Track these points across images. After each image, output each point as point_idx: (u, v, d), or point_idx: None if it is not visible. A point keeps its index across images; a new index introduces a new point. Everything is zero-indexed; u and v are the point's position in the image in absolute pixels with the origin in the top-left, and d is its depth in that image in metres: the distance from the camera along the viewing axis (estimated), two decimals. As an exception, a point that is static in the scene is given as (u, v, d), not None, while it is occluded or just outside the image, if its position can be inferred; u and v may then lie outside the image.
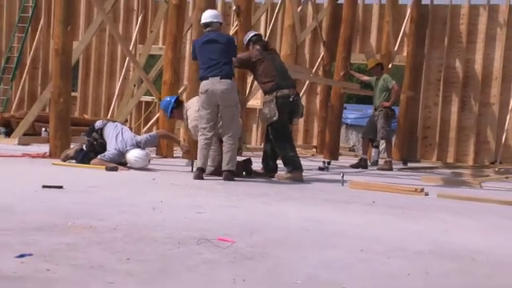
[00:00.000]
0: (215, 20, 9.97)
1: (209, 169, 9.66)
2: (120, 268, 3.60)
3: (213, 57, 9.55)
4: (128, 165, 10.22)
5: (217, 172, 9.63)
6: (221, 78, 9.43)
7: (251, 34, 10.87)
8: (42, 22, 22.80)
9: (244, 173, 10.20)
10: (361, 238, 5.09)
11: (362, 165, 14.67)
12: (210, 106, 9.48)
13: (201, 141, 9.55)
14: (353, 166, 14.53)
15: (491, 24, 19.59)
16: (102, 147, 10.46)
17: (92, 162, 10.18)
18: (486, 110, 19.55)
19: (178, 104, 10.55)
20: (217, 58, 9.52)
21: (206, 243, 4.39)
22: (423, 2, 20.15)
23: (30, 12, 22.94)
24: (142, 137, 11.16)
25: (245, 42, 10.85)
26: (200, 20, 10.39)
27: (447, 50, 19.84)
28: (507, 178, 12.95)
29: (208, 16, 10.02)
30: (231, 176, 9.34)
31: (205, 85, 9.51)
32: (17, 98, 22.78)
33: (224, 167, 9.42)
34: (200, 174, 9.35)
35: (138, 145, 10.53)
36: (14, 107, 22.01)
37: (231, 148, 9.41)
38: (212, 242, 4.42)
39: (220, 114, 9.54)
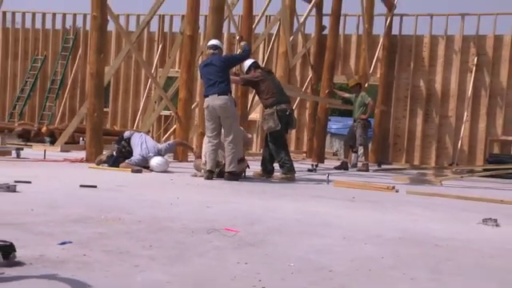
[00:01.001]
0: (216, 44, 10.09)
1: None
2: (144, 253, 3.60)
3: (210, 77, 9.60)
4: (150, 168, 10.22)
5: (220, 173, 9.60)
6: (218, 95, 9.46)
7: (251, 61, 10.84)
8: (80, 51, 23.01)
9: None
10: (343, 228, 5.09)
11: (343, 167, 14.69)
12: (212, 118, 9.50)
13: (208, 147, 9.54)
14: (336, 168, 14.52)
15: (448, 51, 19.68)
16: (129, 153, 10.51)
17: (121, 165, 10.22)
18: (444, 122, 19.61)
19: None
20: (213, 78, 9.56)
21: (214, 232, 4.40)
22: (393, 33, 20.19)
23: (71, 43, 23.19)
24: (163, 145, 11.23)
25: (245, 69, 10.83)
26: (207, 46, 10.48)
27: (413, 72, 19.90)
28: (462, 177, 12.94)
29: (211, 43, 10.18)
30: (232, 177, 9.30)
31: (206, 101, 9.58)
32: (59, 113, 22.92)
33: (226, 169, 9.39)
34: (210, 175, 9.34)
35: (159, 152, 10.59)
36: (57, 121, 22.09)
37: (232, 152, 9.36)
38: (220, 232, 4.43)
39: (222, 124, 9.53)
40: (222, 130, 9.54)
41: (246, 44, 10.81)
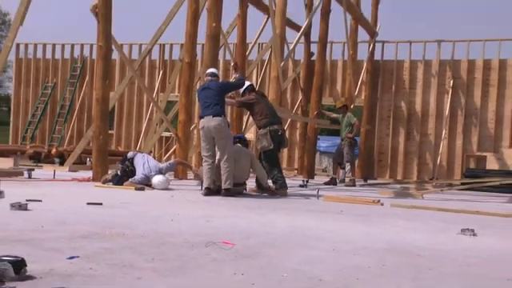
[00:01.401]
0: (214, 72, 10.11)
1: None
2: (146, 266, 3.58)
3: (207, 100, 9.60)
4: (152, 186, 10.19)
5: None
6: (213, 116, 9.43)
7: (247, 84, 10.89)
8: (87, 78, 23.18)
9: None
10: (333, 240, 5.07)
11: (332, 182, 14.71)
12: (207, 138, 9.48)
13: (205, 166, 9.54)
14: (326, 184, 14.53)
15: (426, 75, 19.85)
16: (133, 173, 10.47)
17: (125, 184, 10.18)
18: (425, 139, 19.70)
19: (243, 139, 10.50)
20: (209, 101, 9.55)
21: (213, 246, 4.37)
22: (375, 58, 20.33)
23: (78, 71, 23.41)
24: (164, 164, 11.21)
25: (241, 91, 10.88)
26: (205, 73, 10.50)
27: (394, 94, 20.02)
28: (442, 190, 12.96)
29: (209, 71, 10.21)
30: (228, 193, 9.26)
31: (202, 122, 9.58)
32: (68, 135, 23.02)
33: (223, 186, 9.35)
34: (207, 192, 9.31)
35: (160, 171, 10.56)
36: (66, 143, 22.14)
37: (227, 170, 9.32)
38: (218, 245, 4.41)
39: (216, 145, 9.51)
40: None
41: (240, 75, 10.85)
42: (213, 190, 9.39)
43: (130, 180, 10.22)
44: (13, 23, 12.95)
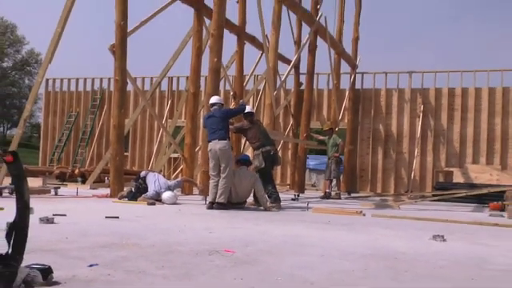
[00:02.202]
0: (217, 102, 10.10)
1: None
2: (157, 273, 3.54)
3: (213, 126, 9.63)
4: (162, 201, 10.16)
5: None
6: (219, 140, 9.48)
7: (247, 109, 10.90)
8: (105, 107, 23.24)
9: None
10: (322, 247, 5.03)
11: (327, 196, 14.63)
12: (214, 159, 9.49)
13: (211, 183, 9.56)
14: (321, 198, 14.49)
15: (400, 101, 19.95)
16: (145, 189, 10.45)
17: (138, 199, 10.15)
18: (400, 157, 19.73)
19: (246, 160, 10.44)
20: (215, 127, 9.59)
21: (215, 254, 4.34)
22: (356, 87, 20.41)
23: (98, 101, 23.52)
24: (172, 182, 11.18)
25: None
26: (208, 102, 10.51)
27: (373, 118, 20.09)
28: (416, 201, 12.96)
29: (213, 99, 10.21)
30: (220, 206, 9.21)
31: (209, 146, 9.60)
32: (89, 157, 22.98)
33: (216, 200, 9.32)
34: (210, 205, 9.30)
35: (169, 188, 10.54)
36: (87, 164, 22.10)
37: (224, 187, 9.31)
38: (220, 253, 4.37)
39: (220, 164, 9.49)
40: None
41: (243, 101, 10.89)
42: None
43: (143, 196, 10.22)
44: (43, 62, 12.99)
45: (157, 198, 10.20)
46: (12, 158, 2.93)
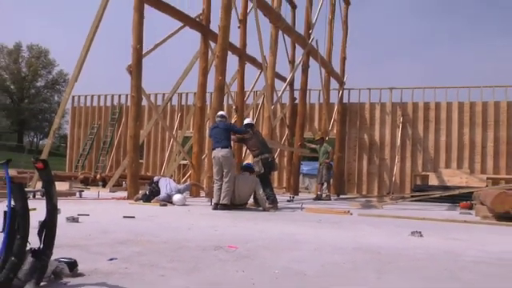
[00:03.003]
0: (223, 115, 10.12)
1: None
2: (168, 266, 3.55)
3: (217, 136, 9.63)
4: (173, 203, 10.14)
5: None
6: (221, 148, 9.47)
7: (246, 121, 10.95)
8: (123, 120, 23.16)
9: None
10: (314, 242, 5.03)
11: (318, 198, 14.60)
12: (217, 165, 9.47)
13: (215, 187, 9.57)
14: (314, 199, 14.48)
15: (382, 114, 19.98)
16: (158, 192, 10.40)
17: (152, 201, 10.13)
18: (382, 163, 19.71)
19: (250, 168, 10.37)
20: (219, 137, 9.59)
21: (220, 249, 4.33)
22: (344, 102, 20.43)
23: (117, 115, 23.49)
24: (182, 186, 11.17)
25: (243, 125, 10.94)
26: (214, 115, 10.52)
27: (359, 128, 20.09)
28: (397, 202, 12.95)
29: (218, 113, 10.21)
30: (224, 207, 9.20)
31: (213, 153, 9.59)
32: (109, 164, 22.92)
33: (220, 201, 9.31)
34: (215, 206, 9.29)
35: (179, 191, 10.51)
36: (107, 170, 22.06)
37: (226, 190, 9.30)
38: (223, 248, 4.37)
39: (222, 170, 9.48)
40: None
41: (247, 125, 10.76)
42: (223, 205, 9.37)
43: (155, 198, 10.19)
44: (70, 81, 13.02)
45: (168, 200, 10.17)
46: (42, 166, 2.94)
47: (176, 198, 10.17)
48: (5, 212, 2.89)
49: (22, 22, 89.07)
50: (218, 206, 9.26)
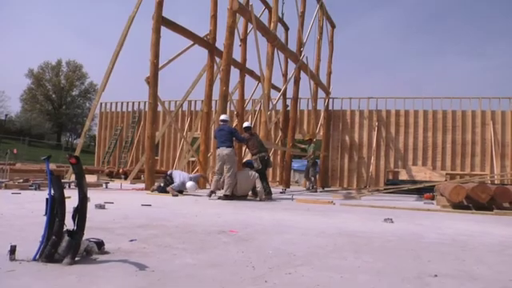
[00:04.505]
0: (226, 118, 10.12)
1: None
2: (179, 246, 3.56)
3: (222, 137, 9.60)
4: (186, 189, 10.07)
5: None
6: (226, 147, 9.46)
7: (246, 124, 10.94)
8: (141, 123, 23.06)
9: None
10: (302, 228, 5.04)
11: (308, 189, 14.62)
12: (221, 161, 9.48)
13: (214, 178, 9.63)
14: (306, 189, 14.50)
15: (361, 119, 19.96)
16: (171, 184, 10.34)
17: (167, 188, 10.04)
18: (361, 161, 19.72)
19: (250, 164, 10.28)
20: (223, 138, 9.57)
21: (222, 233, 4.34)
22: (329, 109, 20.42)
23: (136, 118, 23.38)
24: (193, 175, 11.09)
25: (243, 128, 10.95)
26: (218, 119, 10.51)
27: (341, 131, 20.09)
28: (372, 193, 12.95)
29: (222, 116, 10.22)
30: (226, 197, 9.19)
31: (218, 151, 9.57)
32: (130, 160, 22.83)
33: (223, 192, 9.33)
34: (210, 193, 9.35)
35: (191, 179, 10.40)
36: (128, 165, 22.01)
37: (228, 182, 9.30)
38: (226, 232, 4.38)
39: (224, 166, 9.48)
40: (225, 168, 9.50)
41: (246, 128, 10.73)
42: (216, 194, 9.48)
43: (170, 186, 10.02)
44: (98, 90, 13.05)
45: (181, 189, 10.08)
46: (75, 161, 2.97)
47: (189, 184, 10.08)
48: (46, 199, 2.93)
49: (62, 41, 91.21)
50: (213, 195, 9.30)
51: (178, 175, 10.44)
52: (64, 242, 2.84)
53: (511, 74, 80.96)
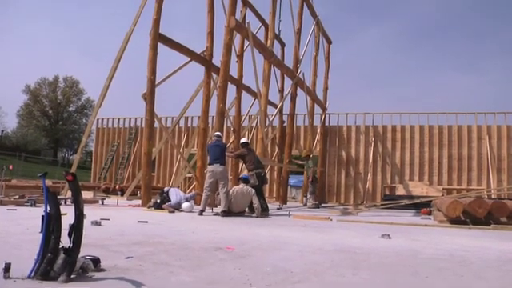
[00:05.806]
0: (221, 134, 10.20)
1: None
2: (176, 263, 3.54)
3: (215, 154, 9.61)
4: (182, 209, 10.08)
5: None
6: (220, 165, 9.47)
7: (242, 140, 10.97)
8: (138, 139, 23.02)
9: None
10: (299, 244, 5.02)
11: (305, 204, 14.59)
12: (214, 178, 9.47)
13: (204, 196, 9.63)
14: (304, 205, 14.47)
15: (357, 134, 20.00)
16: (168, 201, 10.32)
17: (163, 206, 10.04)
18: (358, 176, 19.70)
19: (246, 179, 10.20)
20: (218, 154, 9.59)
21: (219, 250, 4.32)
22: (326, 124, 20.48)
23: (133, 135, 23.33)
24: (189, 194, 11.07)
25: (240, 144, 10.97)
26: (214, 134, 10.55)
27: (338, 147, 20.10)
28: (369, 209, 12.93)
29: (216, 133, 10.28)
30: (224, 214, 9.15)
31: (211, 167, 9.55)
32: (126, 176, 22.74)
33: (220, 209, 9.32)
34: (201, 213, 9.15)
35: (187, 199, 10.43)
36: (124, 181, 21.93)
37: (224, 198, 9.29)
38: (223, 249, 4.35)
39: (218, 183, 9.47)
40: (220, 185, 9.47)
41: (244, 144, 10.73)
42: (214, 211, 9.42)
43: (166, 204, 10.07)
44: (95, 106, 13.07)
45: (177, 207, 10.11)
46: (72, 178, 2.96)
47: (185, 205, 10.11)
48: (42, 216, 2.92)
49: (60, 57, 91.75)
50: (202, 213, 9.17)
51: (175, 194, 10.40)
52: (60, 259, 2.83)
53: (506, 89, 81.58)
